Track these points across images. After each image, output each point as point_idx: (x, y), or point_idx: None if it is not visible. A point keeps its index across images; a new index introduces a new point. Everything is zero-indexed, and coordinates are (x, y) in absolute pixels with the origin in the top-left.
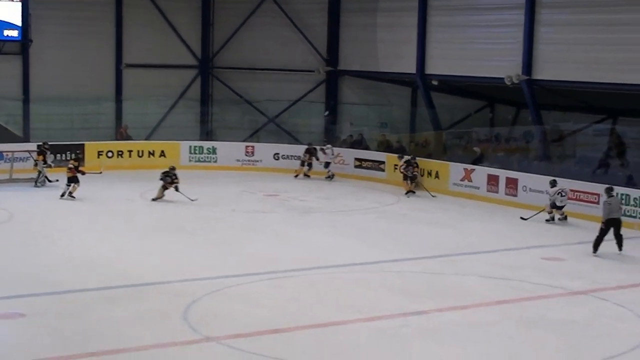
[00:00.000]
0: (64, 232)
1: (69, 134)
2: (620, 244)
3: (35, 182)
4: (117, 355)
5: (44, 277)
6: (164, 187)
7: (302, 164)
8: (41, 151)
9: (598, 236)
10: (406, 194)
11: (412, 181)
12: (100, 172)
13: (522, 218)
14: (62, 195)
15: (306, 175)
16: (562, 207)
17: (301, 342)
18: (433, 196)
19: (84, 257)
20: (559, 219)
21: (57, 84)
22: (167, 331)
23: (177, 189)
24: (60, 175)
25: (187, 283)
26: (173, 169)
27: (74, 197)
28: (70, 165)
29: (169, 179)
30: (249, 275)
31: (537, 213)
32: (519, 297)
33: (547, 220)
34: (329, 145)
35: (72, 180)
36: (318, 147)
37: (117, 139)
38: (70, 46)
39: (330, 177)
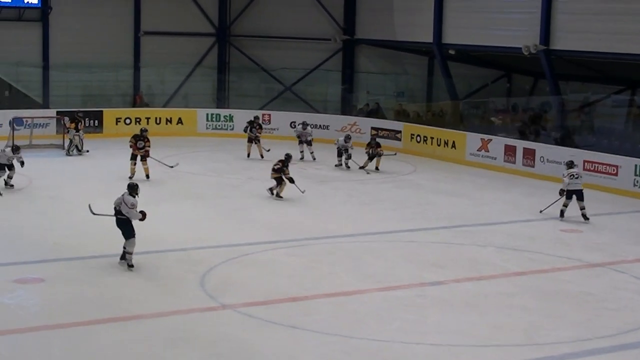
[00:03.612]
0: (82, 198)
1: (87, 101)
2: None
3: (68, 150)
4: (135, 321)
5: (62, 243)
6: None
7: (251, 141)
8: (73, 119)
9: None
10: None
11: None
12: (175, 165)
13: (540, 211)
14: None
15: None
16: (577, 193)
17: (317, 311)
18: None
19: (101, 223)
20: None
21: (76, 51)
22: (184, 298)
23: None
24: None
25: (203, 250)
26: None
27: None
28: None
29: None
30: (265, 243)
31: (554, 202)
32: (536, 268)
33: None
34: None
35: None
36: None
37: (134, 106)
38: (89, 13)
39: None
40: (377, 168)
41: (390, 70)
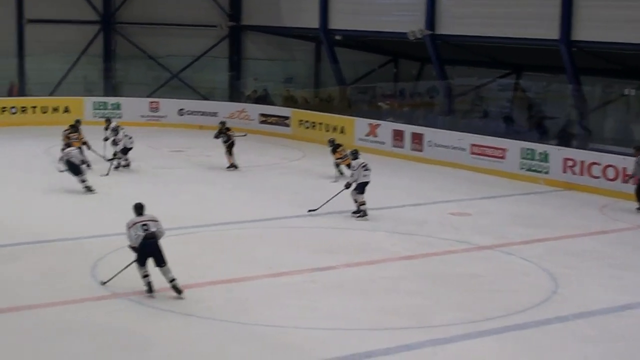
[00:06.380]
0: None
1: None
2: None
3: None
4: (23, 312)
5: None
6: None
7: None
8: None
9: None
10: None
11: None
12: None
13: (312, 210)
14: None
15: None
16: (366, 185)
17: (209, 298)
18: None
19: None
20: (359, 215)
21: None
22: (75, 288)
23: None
24: None
25: (93, 240)
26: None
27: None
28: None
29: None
30: None
31: (335, 196)
32: (426, 252)
33: (355, 214)
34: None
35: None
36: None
37: (8, 96)
38: None
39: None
40: (235, 166)
41: (277, 57)
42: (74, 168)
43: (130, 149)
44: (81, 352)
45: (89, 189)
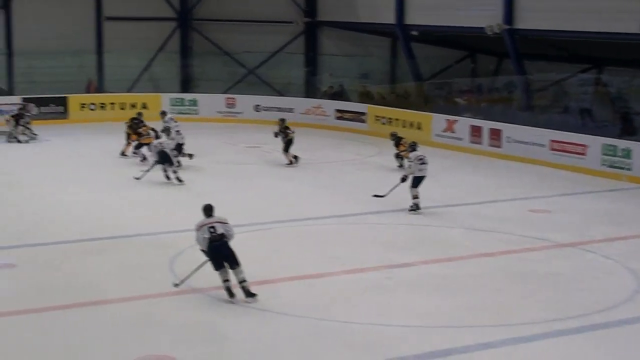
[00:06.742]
0: (47, 184)
1: (52, 87)
2: None
3: (7, 140)
4: (105, 305)
5: (27, 229)
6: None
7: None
8: (16, 114)
9: None
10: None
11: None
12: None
13: (380, 196)
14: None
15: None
16: (421, 180)
17: (286, 294)
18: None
19: (67, 208)
20: (411, 209)
21: (40, 37)
22: (154, 282)
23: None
24: (39, 128)
25: (170, 235)
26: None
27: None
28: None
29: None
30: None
31: (395, 187)
32: (505, 249)
33: (411, 209)
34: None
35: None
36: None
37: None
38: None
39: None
40: (296, 157)
41: (353, 52)
42: (166, 158)
43: (183, 144)
44: (158, 346)
45: (178, 180)
